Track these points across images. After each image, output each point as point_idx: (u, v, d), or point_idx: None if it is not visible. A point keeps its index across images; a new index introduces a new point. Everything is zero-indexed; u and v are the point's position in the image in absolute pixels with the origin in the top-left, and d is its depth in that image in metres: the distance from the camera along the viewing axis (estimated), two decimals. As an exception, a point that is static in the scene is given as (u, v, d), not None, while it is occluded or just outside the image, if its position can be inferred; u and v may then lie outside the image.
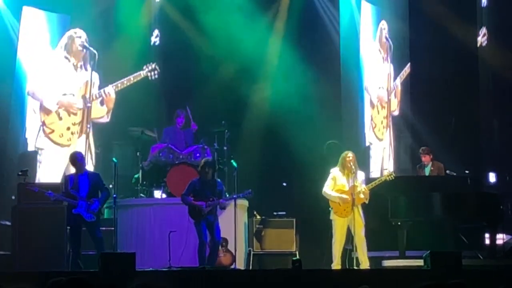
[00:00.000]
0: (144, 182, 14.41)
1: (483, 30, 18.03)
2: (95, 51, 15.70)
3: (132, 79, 16.24)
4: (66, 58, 15.81)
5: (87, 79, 15.90)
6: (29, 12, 15.47)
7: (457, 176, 15.46)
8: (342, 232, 12.77)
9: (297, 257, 12.84)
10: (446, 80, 18.13)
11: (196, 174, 13.79)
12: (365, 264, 12.57)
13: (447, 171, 15.62)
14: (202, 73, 16.71)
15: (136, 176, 14.61)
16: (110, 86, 16.13)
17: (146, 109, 16.03)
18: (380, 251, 14.17)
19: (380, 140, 18.16)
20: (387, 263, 13.68)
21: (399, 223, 13.99)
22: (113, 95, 16.20)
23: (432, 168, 15.78)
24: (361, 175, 13.08)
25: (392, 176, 13.39)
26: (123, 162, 14.48)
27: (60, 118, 15.69)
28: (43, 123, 15.47)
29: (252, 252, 14.46)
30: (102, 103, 16.22)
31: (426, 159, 15.87)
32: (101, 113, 16.27)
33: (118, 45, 16.14)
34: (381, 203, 13.92)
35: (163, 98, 16.59)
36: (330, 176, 12.97)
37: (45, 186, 12.68)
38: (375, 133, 18.03)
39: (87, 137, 15.75)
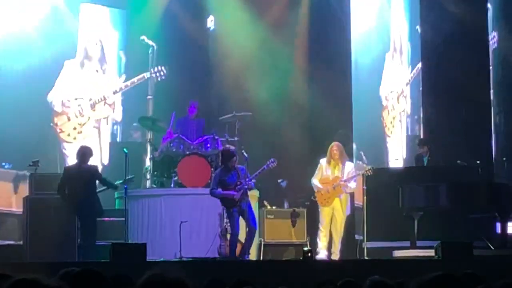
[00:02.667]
0: (155, 173, 14.42)
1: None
2: (153, 44, 15.84)
3: (135, 81, 16.47)
4: (82, 62, 16.01)
5: (104, 81, 16.14)
6: (87, 9, 15.60)
7: (468, 166, 15.42)
8: (327, 219, 13.30)
9: (308, 247, 12.84)
10: (457, 69, 17.98)
11: (207, 164, 13.81)
12: (336, 244, 13.05)
13: (458, 161, 15.59)
14: (212, 64, 16.71)
15: (147, 166, 14.62)
16: (111, 91, 16.30)
17: (158, 100, 16.07)
18: (391, 241, 14.16)
19: (388, 137, 18.28)
20: (397, 253, 13.66)
21: (410, 213, 13.98)
22: (113, 99, 16.46)
23: (429, 158, 15.75)
24: (349, 165, 13.28)
25: (370, 171, 13.58)
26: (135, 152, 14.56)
27: (69, 119, 16.00)
28: (56, 124, 15.82)
29: (263, 243, 14.46)
30: (106, 104, 16.45)
31: (423, 149, 15.84)
32: (107, 113, 16.48)
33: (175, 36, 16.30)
34: (392, 193, 13.91)
35: (176, 89, 16.60)
36: (318, 166, 13.24)
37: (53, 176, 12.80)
38: (385, 132, 18.15)
39: (99, 134, 16.09)
